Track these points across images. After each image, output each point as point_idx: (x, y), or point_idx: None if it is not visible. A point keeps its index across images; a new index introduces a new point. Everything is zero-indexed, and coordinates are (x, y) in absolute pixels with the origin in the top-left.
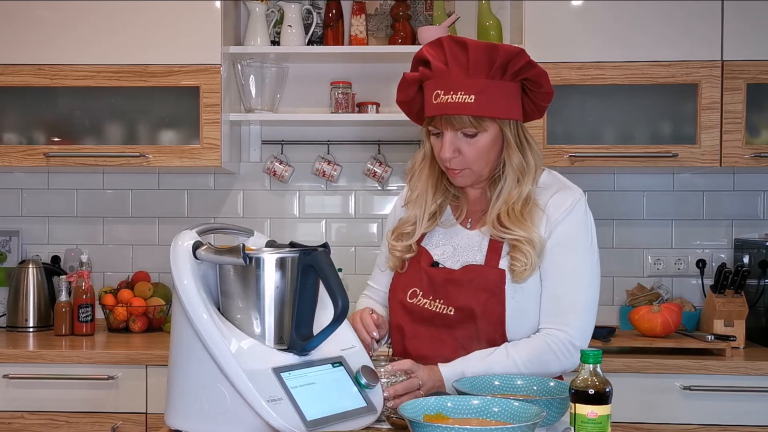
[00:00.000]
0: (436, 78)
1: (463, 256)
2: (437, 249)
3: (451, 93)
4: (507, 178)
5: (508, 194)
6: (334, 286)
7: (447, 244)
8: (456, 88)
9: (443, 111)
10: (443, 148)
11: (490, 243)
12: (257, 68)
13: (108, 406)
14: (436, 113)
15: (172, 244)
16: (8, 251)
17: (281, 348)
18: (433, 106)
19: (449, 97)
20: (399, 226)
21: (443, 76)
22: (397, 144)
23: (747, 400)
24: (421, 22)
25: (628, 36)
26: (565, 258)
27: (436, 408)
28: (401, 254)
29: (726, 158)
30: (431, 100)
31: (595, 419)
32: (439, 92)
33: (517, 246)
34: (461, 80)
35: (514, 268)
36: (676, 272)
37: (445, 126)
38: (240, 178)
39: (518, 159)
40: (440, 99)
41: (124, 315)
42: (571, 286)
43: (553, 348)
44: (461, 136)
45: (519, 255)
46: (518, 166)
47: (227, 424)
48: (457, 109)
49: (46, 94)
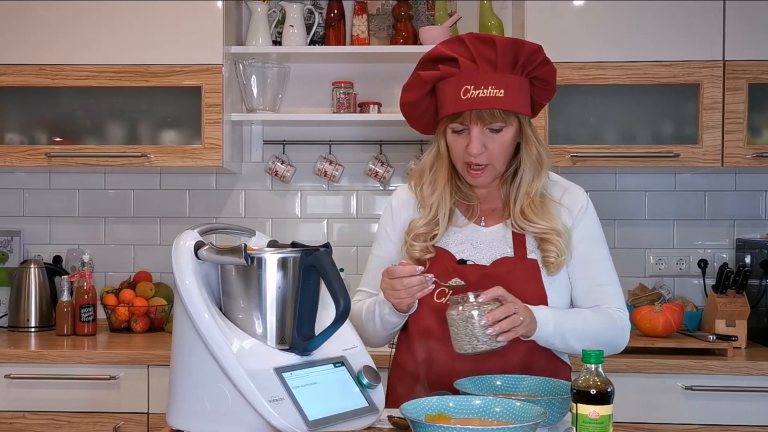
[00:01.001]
0: (465, 74)
1: (488, 252)
2: (456, 248)
3: (482, 88)
4: (525, 171)
5: (528, 187)
6: (335, 286)
7: (465, 242)
8: (486, 83)
9: (475, 105)
10: (472, 144)
11: (514, 237)
12: (259, 68)
13: (110, 406)
14: (465, 108)
15: (174, 244)
16: (10, 251)
17: (283, 348)
18: (462, 102)
19: (480, 92)
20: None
21: (472, 72)
22: (399, 144)
23: (748, 400)
24: (423, 22)
25: (630, 36)
26: (596, 250)
27: (438, 408)
28: (421, 254)
29: (728, 158)
30: (458, 97)
31: (596, 419)
32: (469, 87)
33: (546, 238)
34: (490, 75)
35: (549, 259)
36: (678, 272)
37: (474, 121)
38: (242, 178)
39: (536, 152)
40: (470, 94)
41: (125, 315)
42: (610, 276)
43: (620, 324)
44: (487, 131)
45: (549, 246)
46: (537, 159)
47: (229, 424)
48: (489, 103)
49: (47, 94)
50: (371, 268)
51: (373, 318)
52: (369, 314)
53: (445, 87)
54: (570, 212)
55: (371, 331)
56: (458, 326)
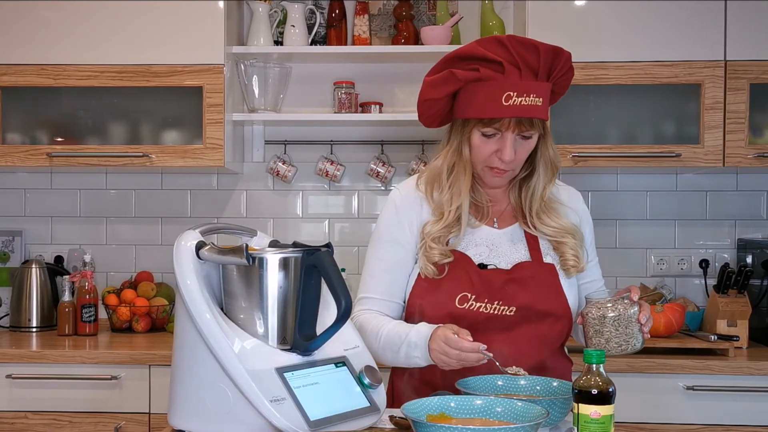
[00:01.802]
0: (509, 79)
1: (504, 256)
2: (471, 251)
3: (524, 95)
4: (540, 174)
5: (543, 189)
6: (337, 286)
7: (480, 245)
8: (529, 91)
9: (518, 113)
10: (506, 150)
11: (527, 240)
12: (260, 68)
13: (111, 406)
14: (508, 115)
15: (176, 244)
16: (11, 251)
17: (284, 348)
18: (504, 108)
19: (523, 99)
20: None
21: (515, 78)
22: (400, 144)
23: (750, 400)
24: (424, 22)
25: (631, 36)
26: (594, 251)
27: (440, 408)
28: (440, 258)
29: (729, 158)
30: (499, 102)
31: (598, 419)
32: (512, 94)
33: (562, 241)
34: (532, 82)
35: (568, 263)
36: (679, 272)
37: (511, 128)
38: (243, 178)
39: (552, 155)
40: (513, 101)
41: (127, 315)
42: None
43: None
44: (518, 138)
45: (566, 249)
46: (553, 161)
47: (230, 424)
48: (530, 111)
49: (49, 94)
50: (376, 273)
51: (397, 351)
52: (391, 344)
53: (480, 89)
54: (575, 213)
55: (389, 360)
56: (617, 326)
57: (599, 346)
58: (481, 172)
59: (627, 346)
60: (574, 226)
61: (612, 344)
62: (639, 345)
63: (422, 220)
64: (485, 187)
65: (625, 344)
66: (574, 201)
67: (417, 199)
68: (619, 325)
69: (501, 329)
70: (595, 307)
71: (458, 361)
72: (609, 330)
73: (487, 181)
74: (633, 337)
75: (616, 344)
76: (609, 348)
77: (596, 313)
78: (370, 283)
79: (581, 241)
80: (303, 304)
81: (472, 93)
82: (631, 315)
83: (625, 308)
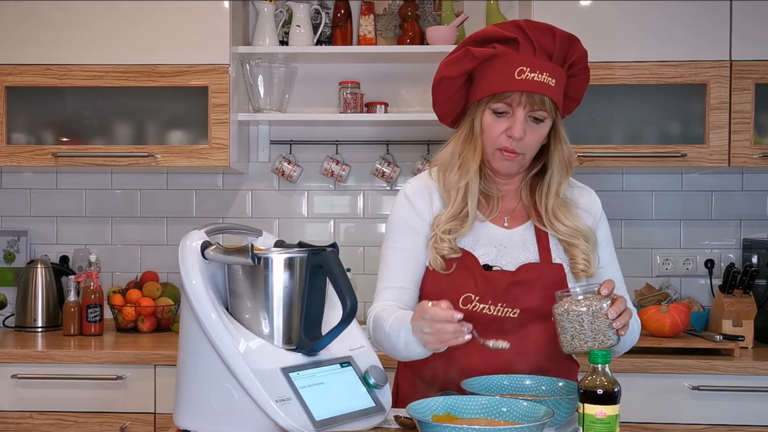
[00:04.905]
0: (522, 55)
1: (512, 256)
2: (479, 251)
3: (537, 72)
4: (554, 171)
5: (559, 185)
6: (342, 286)
7: (488, 245)
8: (542, 68)
9: (528, 88)
10: (516, 127)
11: (537, 239)
12: (266, 68)
13: (116, 406)
14: (518, 89)
15: (181, 244)
16: (17, 251)
17: (290, 348)
18: (516, 82)
19: (535, 75)
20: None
21: (529, 55)
22: (406, 144)
23: (755, 400)
24: (430, 22)
25: (637, 36)
26: (611, 253)
27: (445, 408)
28: (449, 252)
29: (734, 158)
30: (511, 76)
31: (603, 419)
32: (524, 69)
33: (574, 243)
34: (545, 62)
35: (578, 266)
36: (685, 272)
37: (522, 104)
38: (248, 178)
39: (567, 151)
40: (525, 75)
41: (132, 315)
42: (621, 277)
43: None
44: (529, 119)
45: (577, 252)
46: (568, 158)
47: (236, 424)
48: (542, 88)
49: (54, 94)
50: (392, 263)
51: (397, 338)
52: (392, 333)
53: (494, 65)
54: (590, 214)
55: (398, 351)
56: (581, 322)
57: (566, 343)
58: (491, 157)
59: (595, 344)
60: (588, 229)
61: (577, 341)
62: (610, 342)
63: (433, 212)
64: (496, 175)
65: (593, 341)
66: (590, 202)
67: (428, 190)
68: (583, 321)
69: (503, 332)
70: (561, 302)
71: (436, 336)
72: (574, 326)
73: (497, 166)
74: (601, 334)
75: (582, 341)
76: (575, 345)
77: (561, 308)
78: (387, 273)
79: (594, 245)
80: (308, 304)
81: (488, 71)
82: (597, 310)
83: (590, 303)
